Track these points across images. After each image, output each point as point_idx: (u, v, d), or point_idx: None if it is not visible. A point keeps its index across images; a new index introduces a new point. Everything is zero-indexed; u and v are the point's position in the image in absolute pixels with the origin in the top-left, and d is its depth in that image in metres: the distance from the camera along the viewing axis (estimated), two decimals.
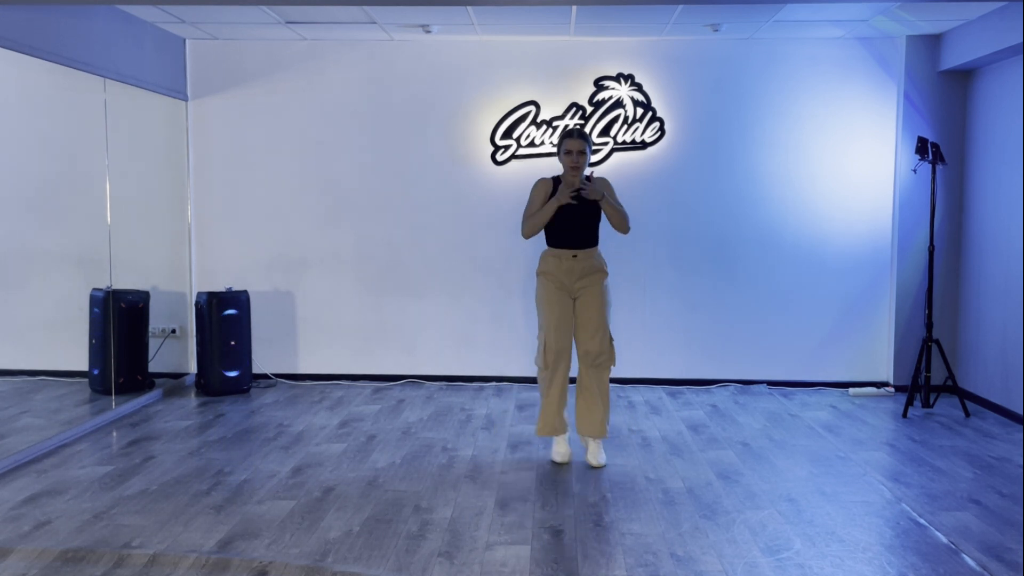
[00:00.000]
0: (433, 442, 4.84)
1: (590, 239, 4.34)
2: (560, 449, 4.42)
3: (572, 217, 4.29)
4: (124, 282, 5.61)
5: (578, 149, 4.23)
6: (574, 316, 4.34)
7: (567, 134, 4.29)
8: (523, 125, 6.20)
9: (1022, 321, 5.25)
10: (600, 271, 4.36)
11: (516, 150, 6.23)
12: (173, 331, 6.26)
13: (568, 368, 4.38)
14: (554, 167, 4.90)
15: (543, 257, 4.39)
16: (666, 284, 6.30)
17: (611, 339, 4.35)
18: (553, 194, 4.30)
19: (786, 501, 3.87)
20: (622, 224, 4.37)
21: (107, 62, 5.27)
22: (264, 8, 5.28)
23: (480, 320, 6.36)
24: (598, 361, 4.33)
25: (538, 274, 4.40)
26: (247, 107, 6.32)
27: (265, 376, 6.46)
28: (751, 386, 6.28)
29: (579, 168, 4.24)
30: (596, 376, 4.35)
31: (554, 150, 6.17)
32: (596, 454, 4.36)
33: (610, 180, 6.18)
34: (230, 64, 6.31)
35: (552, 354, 4.30)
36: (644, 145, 6.22)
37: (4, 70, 5.09)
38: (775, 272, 6.27)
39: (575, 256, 4.30)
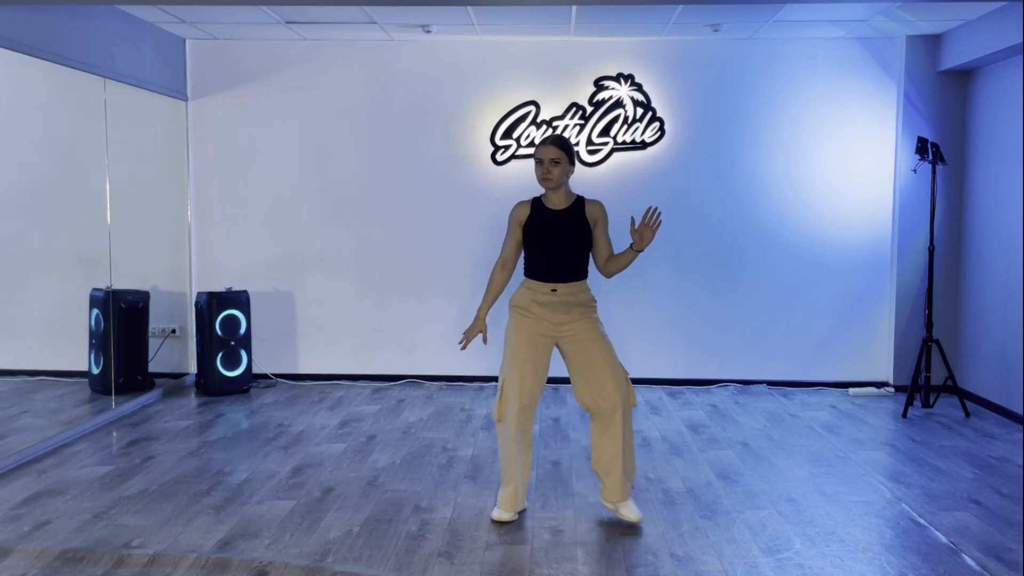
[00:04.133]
0: (433, 442, 4.83)
1: (575, 271, 3.57)
2: (506, 514, 3.63)
3: (553, 243, 3.55)
4: (124, 282, 5.61)
5: (549, 157, 3.50)
6: (570, 365, 3.60)
7: (541, 141, 3.58)
8: (523, 125, 6.20)
9: (1022, 321, 5.25)
10: (586, 306, 3.58)
11: (516, 150, 6.23)
12: (173, 331, 6.26)
13: (531, 428, 3.63)
14: None
15: (519, 287, 3.66)
16: (666, 284, 6.30)
17: (627, 376, 3.58)
18: (531, 216, 3.59)
19: (786, 501, 3.87)
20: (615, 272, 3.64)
21: (107, 62, 5.27)
22: (264, 8, 5.28)
23: None
24: (617, 415, 3.51)
25: (510, 306, 3.65)
26: (247, 107, 6.32)
27: (265, 376, 6.46)
28: (751, 386, 6.28)
29: (552, 179, 3.52)
30: (617, 433, 3.53)
31: None
32: (629, 512, 3.58)
33: (610, 181, 6.25)
34: (230, 64, 6.31)
35: (512, 407, 3.51)
36: (644, 145, 6.22)
37: (4, 70, 5.09)
38: (775, 272, 6.27)
39: (553, 291, 3.54)
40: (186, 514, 3.68)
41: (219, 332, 5.91)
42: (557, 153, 3.51)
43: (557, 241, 3.55)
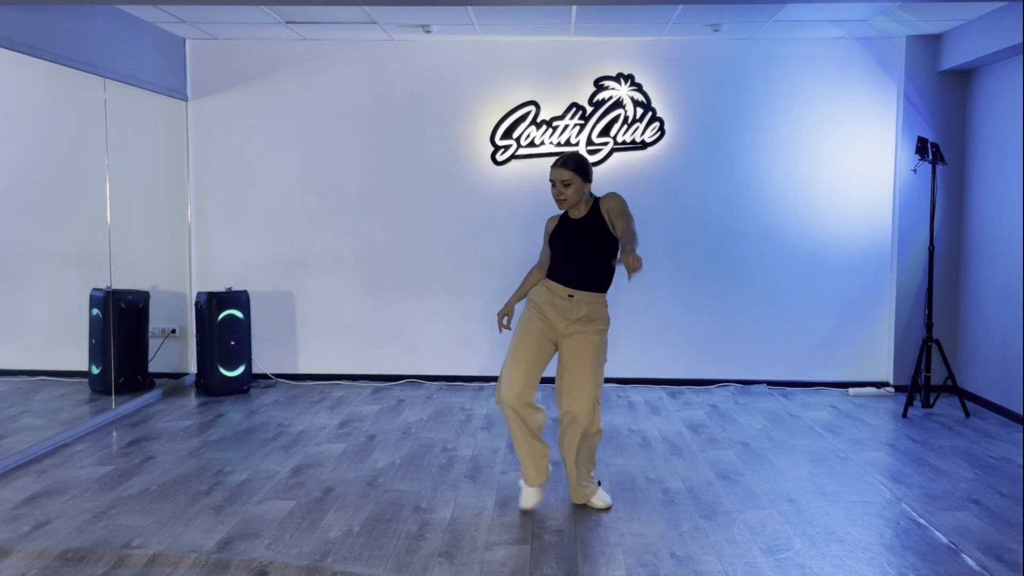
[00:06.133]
0: (433, 442, 4.84)
1: (594, 282, 3.66)
2: (531, 498, 3.76)
3: (573, 248, 3.66)
4: (124, 282, 5.61)
5: (561, 179, 3.60)
6: (559, 366, 3.69)
7: (555, 162, 3.67)
8: (523, 125, 6.20)
9: (1022, 321, 5.25)
10: (597, 321, 3.67)
11: (516, 150, 6.23)
12: (173, 331, 6.26)
13: (534, 416, 3.68)
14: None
15: (539, 285, 3.78)
16: (666, 284, 6.30)
17: (597, 402, 3.66)
18: (558, 226, 3.74)
19: (786, 501, 3.87)
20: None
21: (107, 62, 5.27)
22: (264, 8, 5.28)
23: (480, 320, 6.35)
24: (577, 430, 3.65)
25: (528, 299, 3.80)
26: (247, 107, 6.32)
27: (265, 376, 6.46)
28: (751, 386, 6.28)
29: (566, 200, 3.63)
30: (571, 443, 3.69)
31: (554, 150, 6.20)
32: (597, 501, 3.80)
33: (610, 181, 6.20)
34: (230, 64, 6.31)
35: (505, 392, 3.61)
36: (644, 145, 6.22)
37: (4, 70, 5.09)
38: (775, 272, 6.27)
39: (571, 296, 3.63)
40: (186, 514, 3.68)
41: (219, 332, 5.91)
42: (569, 175, 3.62)
43: (575, 249, 3.67)
